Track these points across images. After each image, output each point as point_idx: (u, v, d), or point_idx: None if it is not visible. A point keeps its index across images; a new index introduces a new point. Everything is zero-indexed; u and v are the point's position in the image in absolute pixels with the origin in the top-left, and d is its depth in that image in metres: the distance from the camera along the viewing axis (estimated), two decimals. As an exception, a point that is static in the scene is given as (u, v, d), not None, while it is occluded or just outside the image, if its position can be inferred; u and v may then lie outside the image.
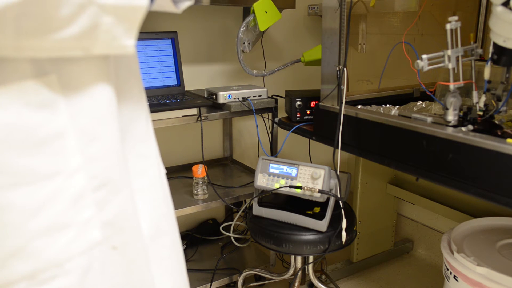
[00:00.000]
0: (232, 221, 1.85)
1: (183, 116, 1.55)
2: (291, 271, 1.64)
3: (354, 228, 1.48)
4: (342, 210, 1.39)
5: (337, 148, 1.33)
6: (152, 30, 1.83)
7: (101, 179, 0.58)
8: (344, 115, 1.32)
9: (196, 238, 2.05)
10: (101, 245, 0.59)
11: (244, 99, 1.69)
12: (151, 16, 1.84)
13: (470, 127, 1.07)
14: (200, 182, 1.66)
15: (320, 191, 1.35)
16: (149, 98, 1.61)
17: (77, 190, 0.56)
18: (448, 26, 1.09)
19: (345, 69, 1.32)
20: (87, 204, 0.57)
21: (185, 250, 1.96)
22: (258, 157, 1.53)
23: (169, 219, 0.77)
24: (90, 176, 0.57)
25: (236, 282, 1.80)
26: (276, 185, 1.42)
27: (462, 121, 1.13)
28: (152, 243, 0.71)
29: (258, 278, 1.92)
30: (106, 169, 0.59)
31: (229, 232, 1.81)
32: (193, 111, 1.57)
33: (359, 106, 1.39)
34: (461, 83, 1.11)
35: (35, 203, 0.53)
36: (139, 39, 1.65)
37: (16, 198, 0.51)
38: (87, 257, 0.58)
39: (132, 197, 0.64)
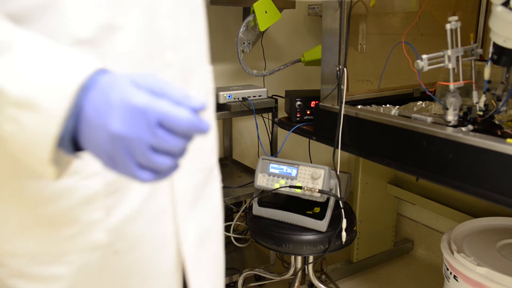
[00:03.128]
0: (232, 221, 1.85)
1: (183, 116, 1.55)
2: (291, 271, 1.64)
3: (354, 228, 1.48)
4: (342, 210, 1.39)
5: (337, 148, 1.33)
6: (152, 30, 1.83)
7: (115, 186, 0.60)
8: (344, 115, 1.32)
9: (196, 238, 2.05)
10: (104, 248, 0.61)
11: (244, 99, 1.69)
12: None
13: (470, 127, 1.07)
14: (200, 182, 1.65)
15: (320, 191, 1.35)
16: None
17: (90, 192, 0.58)
18: (448, 26, 1.09)
19: (345, 69, 1.32)
20: (97, 207, 0.59)
21: (185, 250, 1.96)
22: (258, 157, 1.53)
23: (217, 225, 0.81)
24: (106, 183, 0.59)
25: (236, 282, 1.80)
26: (276, 185, 1.42)
27: (462, 121, 1.13)
28: (198, 251, 0.74)
29: (258, 278, 1.92)
30: (121, 178, 0.60)
31: (229, 232, 1.81)
32: (193, 111, 1.57)
33: (359, 106, 1.39)
34: (461, 83, 1.11)
35: (47, 193, 0.57)
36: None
37: (29, 186, 0.57)
38: (87, 256, 0.60)
39: (140, 203, 0.64)
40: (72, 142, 0.45)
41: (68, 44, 0.53)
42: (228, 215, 2.21)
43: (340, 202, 1.39)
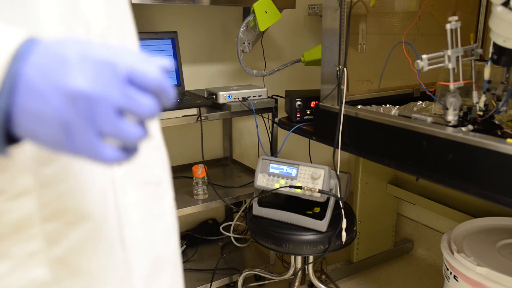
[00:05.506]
0: (232, 221, 1.85)
1: (183, 116, 1.55)
2: (291, 271, 1.64)
3: (354, 228, 1.48)
4: (342, 210, 1.39)
5: (337, 148, 1.33)
6: (152, 30, 1.83)
7: (55, 208, 0.48)
8: (344, 115, 1.32)
9: (196, 238, 2.05)
10: (50, 286, 0.49)
11: (244, 99, 1.69)
12: (152, 16, 1.84)
13: (470, 127, 1.07)
14: (200, 182, 1.66)
15: (320, 191, 1.35)
16: (149, 98, 1.61)
17: (21, 217, 0.46)
18: (448, 26, 1.09)
19: (345, 69, 1.32)
20: (33, 235, 0.47)
21: (185, 250, 1.96)
22: (258, 157, 1.53)
23: (170, 251, 0.68)
24: (42, 202, 0.47)
25: (236, 282, 1.80)
26: (276, 185, 1.42)
27: (462, 121, 1.13)
28: (149, 283, 0.62)
29: (258, 278, 1.92)
30: (62, 196, 0.48)
31: (229, 232, 1.81)
32: (193, 111, 1.57)
33: (359, 106, 1.39)
34: (461, 83, 1.11)
35: None
36: (140, 39, 1.65)
37: None
38: None
39: (99, 231, 0.53)
40: (3, 130, 0.36)
41: None
42: (228, 215, 2.21)
43: (340, 202, 1.39)
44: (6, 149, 0.37)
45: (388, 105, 1.41)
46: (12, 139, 0.38)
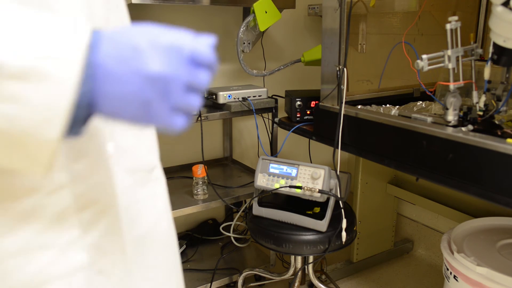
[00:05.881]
0: (232, 221, 1.85)
1: (183, 116, 1.55)
2: (291, 271, 1.64)
3: (354, 228, 1.48)
4: (342, 210, 1.39)
5: (337, 148, 1.33)
6: (152, 30, 1.83)
7: (88, 199, 0.53)
8: (344, 115, 1.32)
9: (196, 238, 2.05)
10: (87, 269, 0.54)
11: (244, 99, 1.69)
12: (152, 16, 1.84)
13: (470, 127, 1.07)
14: (200, 182, 1.66)
15: (320, 191, 1.35)
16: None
17: (60, 209, 0.51)
18: (448, 26, 1.09)
19: (345, 69, 1.32)
20: (71, 224, 0.52)
21: (185, 250, 1.96)
22: (258, 157, 1.53)
23: (161, 231, 0.72)
24: (76, 195, 0.52)
25: (236, 282, 1.80)
26: (276, 185, 1.42)
27: (462, 121, 1.13)
28: (133, 260, 0.65)
29: (258, 278, 1.92)
30: (93, 188, 0.54)
31: (229, 232, 1.81)
32: (193, 111, 1.57)
33: (359, 106, 1.39)
34: (461, 83, 1.11)
35: (8, 220, 0.48)
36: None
37: None
38: (68, 281, 0.53)
39: (118, 216, 0.59)
40: (87, 113, 0.42)
41: None
42: (228, 215, 2.21)
43: (340, 202, 1.39)
44: (82, 130, 0.43)
45: (388, 105, 1.41)
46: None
